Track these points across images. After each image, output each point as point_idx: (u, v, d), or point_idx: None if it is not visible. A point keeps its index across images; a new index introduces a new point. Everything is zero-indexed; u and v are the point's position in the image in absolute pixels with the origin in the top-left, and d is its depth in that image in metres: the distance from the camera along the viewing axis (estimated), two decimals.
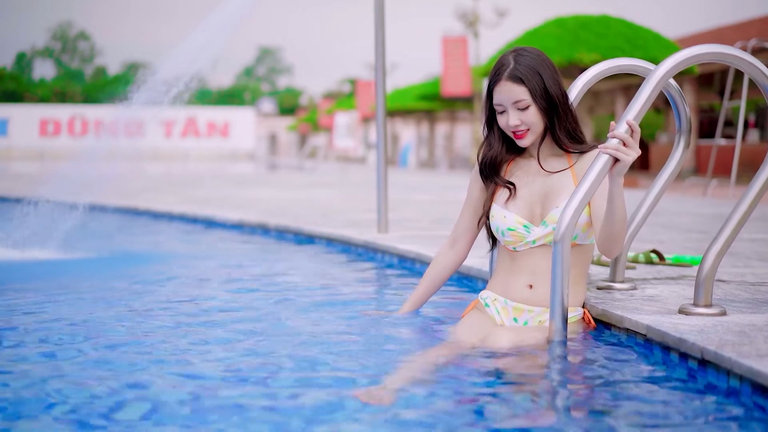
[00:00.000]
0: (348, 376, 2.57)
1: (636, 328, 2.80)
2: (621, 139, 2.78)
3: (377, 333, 3.14)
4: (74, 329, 3.25)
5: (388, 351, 2.89)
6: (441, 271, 3.22)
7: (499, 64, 2.97)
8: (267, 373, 2.60)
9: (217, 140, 44.91)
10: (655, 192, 3.43)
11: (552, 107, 2.95)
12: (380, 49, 5.69)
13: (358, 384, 2.49)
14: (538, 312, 2.96)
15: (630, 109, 2.87)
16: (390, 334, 3.09)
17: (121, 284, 4.44)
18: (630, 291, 3.39)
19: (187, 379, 2.55)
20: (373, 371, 2.64)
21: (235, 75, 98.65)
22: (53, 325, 3.32)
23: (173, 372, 2.63)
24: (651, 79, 2.88)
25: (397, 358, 2.80)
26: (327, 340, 3.05)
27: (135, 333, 3.18)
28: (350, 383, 2.50)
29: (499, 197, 3.05)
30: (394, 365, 2.72)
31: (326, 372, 2.63)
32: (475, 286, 4.06)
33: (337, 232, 5.96)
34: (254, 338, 3.07)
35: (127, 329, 3.24)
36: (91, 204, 6.18)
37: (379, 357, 2.82)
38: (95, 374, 2.59)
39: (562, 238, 2.78)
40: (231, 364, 2.71)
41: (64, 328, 3.28)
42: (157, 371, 2.64)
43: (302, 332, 3.17)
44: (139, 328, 3.28)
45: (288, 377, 2.57)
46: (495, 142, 3.06)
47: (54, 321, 3.42)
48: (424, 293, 3.23)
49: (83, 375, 2.59)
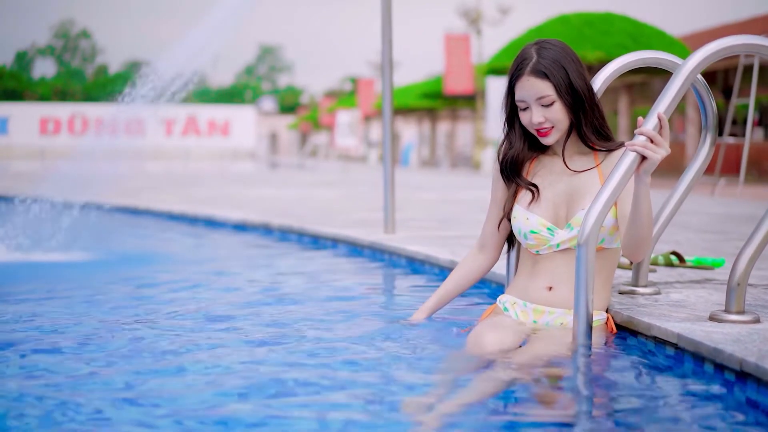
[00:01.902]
0: (367, 392, 2.41)
1: (666, 337, 2.64)
2: (649, 137, 2.63)
3: (399, 340, 2.94)
4: (68, 335, 3.11)
5: (413, 360, 2.70)
6: (467, 274, 3.04)
7: (521, 58, 2.81)
8: (277, 389, 2.44)
9: (217, 139, 44.73)
10: (680, 191, 3.26)
11: (578, 102, 2.79)
12: (387, 47, 5.52)
13: (378, 402, 2.33)
14: (560, 314, 2.80)
15: (659, 104, 2.71)
16: (413, 342, 2.89)
17: (118, 288, 4.29)
18: (654, 296, 3.23)
19: (191, 392, 2.41)
20: (394, 385, 2.47)
21: (236, 73, 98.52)
22: (50, 333, 3.18)
23: (178, 383, 2.48)
24: (681, 72, 2.72)
25: (424, 367, 2.63)
26: (342, 348, 2.87)
27: (132, 342, 3.00)
28: (370, 399, 2.34)
29: (522, 198, 2.89)
30: (421, 377, 2.54)
31: (345, 385, 2.46)
32: (488, 287, 3.89)
33: (342, 233, 5.79)
34: (265, 350, 2.88)
35: (125, 338, 3.07)
36: (89, 203, 6.03)
37: (403, 367, 2.64)
38: (88, 387, 2.44)
39: (586, 241, 2.62)
40: (246, 377, 2.54)
41: (58, 332, 3.15)
42: (160, 380, 2.50)
43: (318, 340, 2.99)
44: (136, 336, 3.09)
45: (301, 392, 2.41)
46: (516, 140, 2.90)
47: (51, 327, 3.28)
48: (446, 296, 3.04)
49: (80, 384, 2.44)
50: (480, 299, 3.72)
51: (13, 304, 3.81)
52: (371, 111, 41.20)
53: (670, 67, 3.16)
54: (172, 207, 8.64)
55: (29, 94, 67.42)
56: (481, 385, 2.41)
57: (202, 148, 43.16)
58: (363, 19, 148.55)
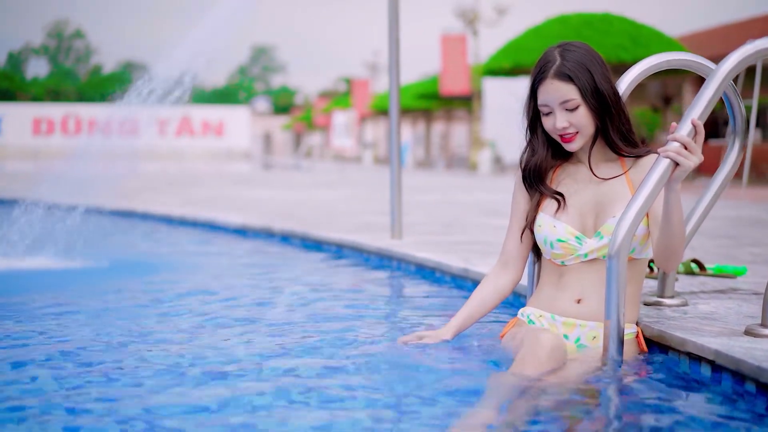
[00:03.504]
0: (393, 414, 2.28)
1: (701, 353, 2.51)
2: (683, 143, 2.51)
3: (419, 362, 2.76)
4: (59, 347, 3.00)
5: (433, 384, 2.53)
6: (493, 294, 2.84)
7: (544, 61, 2.68)
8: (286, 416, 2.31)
9: (211, 139, 44.55)
10: (708, 197, 3.14)
11: (603, 107, 2.66)
12: (394, 47, 5.40)
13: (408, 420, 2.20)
14: (592, 327, 2.67)
15: (693, 108, 2.59)
16: (435, 365, 2.66)
17: (117, 298, 4.13)
18: (681, 307, 3.10)
19: (189, 401, 2.29)
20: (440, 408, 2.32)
21: (229, 74, 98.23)
22: (46, 345, 3.04)
23: (184, 401, 2.35)
24: (716, 75, 2.61)
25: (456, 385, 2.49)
26: (359, 368, 2.70)
27: (133, 359, 2.85)
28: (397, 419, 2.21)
29: (547, 207, 2.75)
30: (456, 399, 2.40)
31: (360, 410, 2.33)
32: None
33: (348, 238, 5.64)
34: (278, 373, 2.69)
35: (125, 350, 2.94)
36: (86, 206, 5.86)
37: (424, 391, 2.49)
38: None
39: (618, 251, 2.51)
40: (255, 405, 2.40)
41: (56, 347, 3.02)
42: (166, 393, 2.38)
43: (332, 357, 2.84)
44: (138, 353, 2.94)
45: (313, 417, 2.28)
46: (539, 147, 2.77)
47: (42, 340, 3.15)
48: (471, 317, 2.83)
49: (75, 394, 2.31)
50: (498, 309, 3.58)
51: None
52: (366, 111, 41.08)
53: (696, 68, 3.04)
54: (171, 210, 8.48)
55: (22, 95, 67.10)
56: (519, 406, 2.29)
57: (197, 149, 42.99)
58: (356, 19, 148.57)
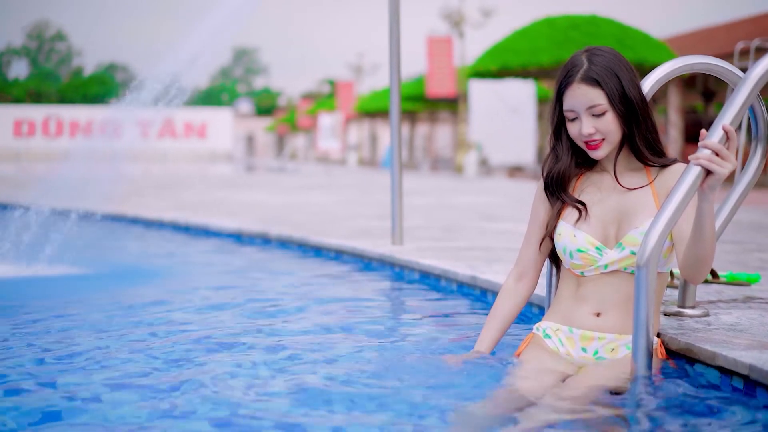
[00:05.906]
0: None
1: (734, 367, 2.43)
2: (714, 150, 2.42)
3: (433, 375, 2.66)
4: (52, 357, 2.94)
5: None
6: (513, 308, 2.76)
7: (571, 65, 2.60)
8: None
9: (194, 141, 44.36)
10: (730, 205, 3.08)
11: (631, 113, 2.58)
12: (395, 48, 5.32)
13: None
14: (610, 339, 2.60)
15: (723, 115, 2.51)
16: (449, 379, 2.59)
17: (111, 308, 3.98)
18: (704, 318, 3.03)
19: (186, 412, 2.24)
20: None
21: (211, 76, 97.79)
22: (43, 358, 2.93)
23: None
24: (748, 79, 2.53)
25: None
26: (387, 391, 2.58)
27: (127, 373, 2.73)
28: None
29: (568, 216, 2.67)
30: None
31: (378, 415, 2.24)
32: None
33: (348, 244, 5.53)
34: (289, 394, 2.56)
35: (119, 368, 2.81)
36: (69, 209, 5.72)
37: None
38: None
39: (647, 262, 2.42)
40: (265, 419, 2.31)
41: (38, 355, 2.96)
42: None
43: (347, 376, 2.72)
44: (134, 367, 2.82)
45: None
46: (563, 154, 2.68)
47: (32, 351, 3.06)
48: (500, 330, 2.74)
49: None
50: None
51: None
52: (351, 113, 40.98)
53: (719, 73, 2.97)
54: (162, 215, 8.32)
55: (3, 96, 66.55)
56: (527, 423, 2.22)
57: (179, 150, 42.77)
58: (339, 21, 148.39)
